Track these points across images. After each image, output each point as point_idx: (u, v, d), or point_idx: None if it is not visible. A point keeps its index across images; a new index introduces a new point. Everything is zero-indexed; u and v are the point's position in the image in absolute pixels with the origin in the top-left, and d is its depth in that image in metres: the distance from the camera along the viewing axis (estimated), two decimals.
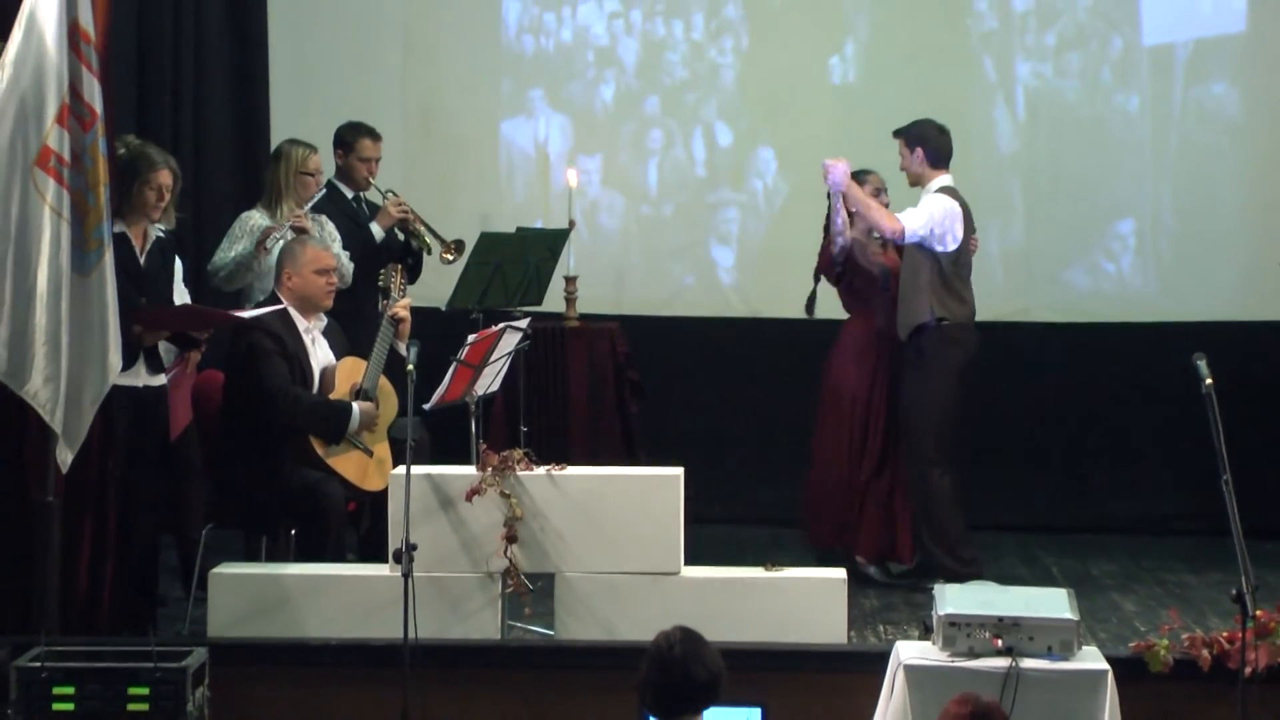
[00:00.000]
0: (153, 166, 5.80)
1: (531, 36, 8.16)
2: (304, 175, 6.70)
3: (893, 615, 6.26)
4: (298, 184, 6.68)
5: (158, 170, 5.82)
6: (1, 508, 5.61)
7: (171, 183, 5.89)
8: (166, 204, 5.91)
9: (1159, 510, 7.75)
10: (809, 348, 7.04)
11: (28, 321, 5.31)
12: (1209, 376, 5.02)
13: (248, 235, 6.61)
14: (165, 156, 5.94)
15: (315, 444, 5.91)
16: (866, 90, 7.99)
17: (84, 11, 5.41)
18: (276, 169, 6.72)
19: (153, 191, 5.82)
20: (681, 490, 5.60)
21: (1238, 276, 7.86)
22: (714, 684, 4.01)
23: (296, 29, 8.06)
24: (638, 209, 8.21)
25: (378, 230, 6.87)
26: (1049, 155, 8.00)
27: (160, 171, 5.83)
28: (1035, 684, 4.81)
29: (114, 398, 5.56)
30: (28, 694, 4.91)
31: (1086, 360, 7.89)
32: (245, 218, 6.72)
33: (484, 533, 5.55)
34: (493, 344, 6.26)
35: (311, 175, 6.73)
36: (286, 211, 6.65)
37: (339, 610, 5.55)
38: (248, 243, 6.56)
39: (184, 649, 5.09)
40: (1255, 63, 7.92)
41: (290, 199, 6.67)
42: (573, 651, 5.52)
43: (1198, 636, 5.27)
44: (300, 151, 6.72)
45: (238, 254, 6.56)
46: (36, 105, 5.32)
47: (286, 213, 6.64)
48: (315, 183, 6.78)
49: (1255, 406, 7.22)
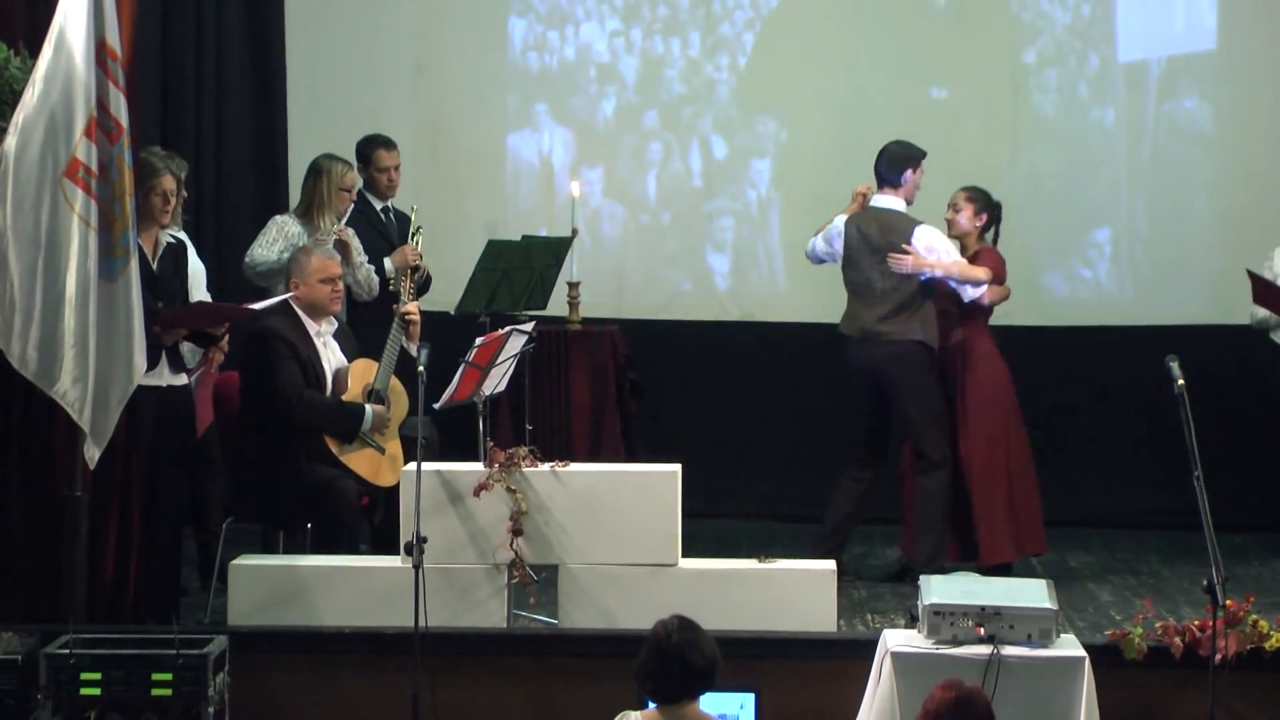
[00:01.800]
0: (155, 174, 5.82)
1: (536, 54, 8.19)
2: (342, 191, 6.72)
3: (880, 605, 6.27)
4: (336, 199, 6.70)
5: (160, 176, 5.83)
6: (32, 502, 5.67)
7: (175, 187, 5.90)
8: (173, 208, 5.93)
9: (1134, 505, 7.76)
10: (801, 349, 7.12)
11: (57, 325, 5.37)
12: (1181, 377, 5.11)
13: (284, 240, 6.60)
14: (166, 162, 5.93)
15: (330, 442, 5.95)
16: (856, 105, 7.99)
17: (111, 30, 5.46)
18: (317, 183, 6.70)
19: (158, 198, 5.83)
20: (679, 486, 5.65)
21: (1208, 282, 7.88)
22: (710, 670, 4.07)
23: (313, 47, 8.09)
24: (637, 218, 8.24)
25: (389, 266, 6.85)
26: (1029, 167, 8.02)
27: (163, 178, 5.84)
28: (1016, 670, 4.88)
29: (139, 397, 5.59)
30: (56, 679, 4.99)
31: (1064, 362, 7.92)
32: (283, 222, 6.70)
33: (491, 526, 5.61)
34: (499, 346, 6.30)
35: (348, 191, 6.75)
36: (325, 224, 6.65)
37: (353, 600, 5.61)
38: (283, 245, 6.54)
39: (205, 637, 5.18)
40: (1225, 79, 7.97)
41: (329, 213, 6.69)
42: (575, 639, 5.56)
43: (1170, 625, 5.33)
44: (340, 168, 6.73)
45: (282, 259, 6.53)
46: (65, 119, 5.38)
47: (325, 225, 6.64)
48: (350, 198, 6.80)
49: (1225, 406, 7.29)
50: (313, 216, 6.72)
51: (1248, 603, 5.34)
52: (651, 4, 8.19)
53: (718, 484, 7.61)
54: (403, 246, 6.90)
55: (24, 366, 5.43)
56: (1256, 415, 7.52)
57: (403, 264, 6.82)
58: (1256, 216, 7.74)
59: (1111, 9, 8.05)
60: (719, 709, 4.69)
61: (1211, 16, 8.00)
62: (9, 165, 5.40)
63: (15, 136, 5.41)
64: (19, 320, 5.39)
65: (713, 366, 8.07)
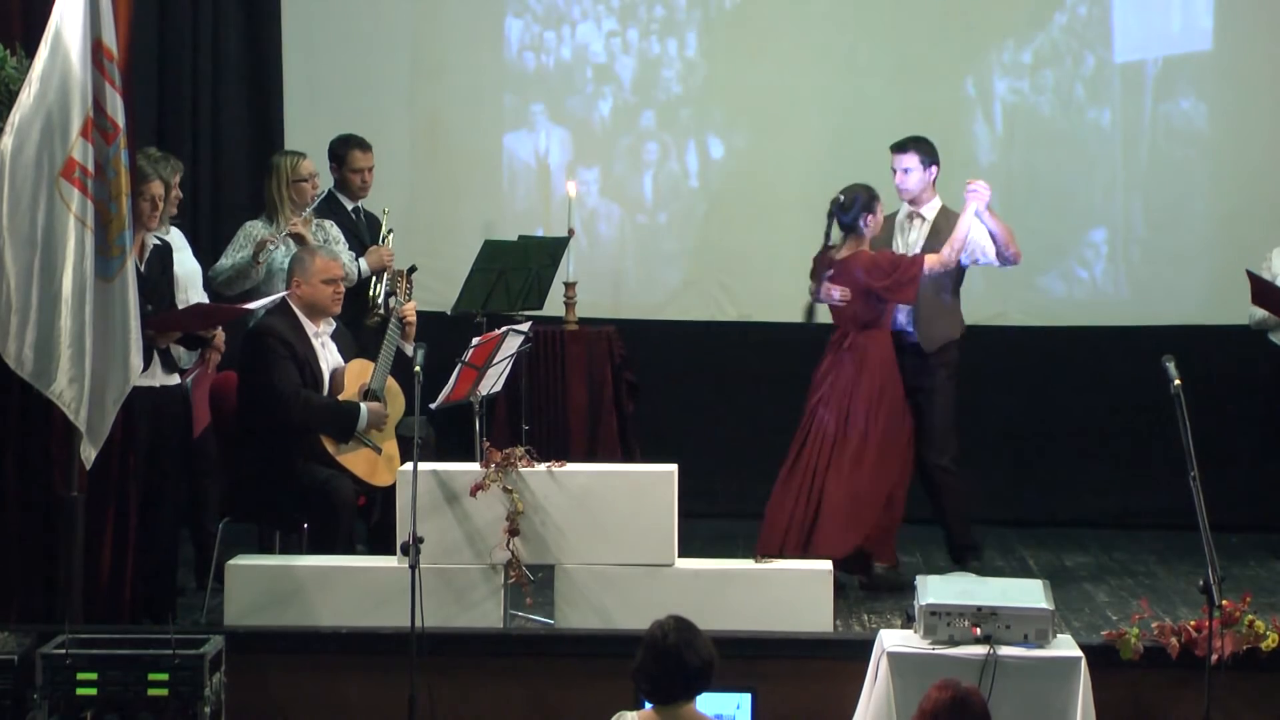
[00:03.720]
0: (144, 179, 5.82)
1: (533, 54, 8.19)
2: (298, 182, 6.69)
3: (876, 605, 6.26)
4: (293, 192, 6.68)
5: (149, 182, 5.84)
6: (29, 502, 5.68)
7: (163, 191, 5.92)
8: (161, 212, 5.94)
9: (1130, 505, 7.78)
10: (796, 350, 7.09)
11: (53, 325, 5.38)
12: (1177, 378, 5.13)
13: (250, 243, 6.61)
14: (156, 166, 5.96)
15: (326, 442, 5.97)
16: (852, 106, 8.01)
17: (107, 30, 5.47)
18: (269, 182, 6.73)
19: (146, 202, 5.83)
20: (675, 486, 5.66)
21: (1204, 282, 7.88)
22: (706, 670, 4.10)
23: (309, 47, 8.10)
24: (634, 218, 8.24)
25: (364, 266, 6.85)
26: (1025, 167, 8.04)
27: (151, 183, 5.86)
28: (1012, 670, 4.91)
29: (133, 397, 5.60)
30: (53, 679, 4.99)
31: (1061, 362, 7.94)
32: (248, 227, 6.73)
33: (487, 526, 5.61)
34: (496, 346, 6.31)
35: (306, 180, 6.71)
36: (285, 219, 6.65)
37: (349, 600, 5.62)
38: (247, 252, 6.57)
39: (201, 637, 5.17)
40: (1221, 79, 7.98)
41: (287, 208, 6.68)
42: (572, 639, 5.57)
43: (1167, 625, 5.35)
44: (289, 160, 6.72)
45: (236, 262, 6.58)
46: (62, 119, 5.39)
47: (286, 220, 6.64)
48: (312, 185, 6.75)
49: (1222, 406, 7.30)
50: (274, 215, 6.74)
51: (1244, 603, 5.35)
52: (648, 4, 8.20)
53: (714, 484, 7.63)
54: (377, 248, 6.91)
55: (20, 366, 5.44)
56: (1253, 416, 7.54)
57: (379, 265, 6.84)
58: (1253, 217, 7.76)
59: (1108, 9, 8.06)
60: (715, 709, 4.69)
61: (1208, 17, 8.02)
62: (5, 165, 5.41)
63: (11, 136, 5.42)
64: (15, 320, 5.40)
65: (709, 367, 8.09)
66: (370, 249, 6.91)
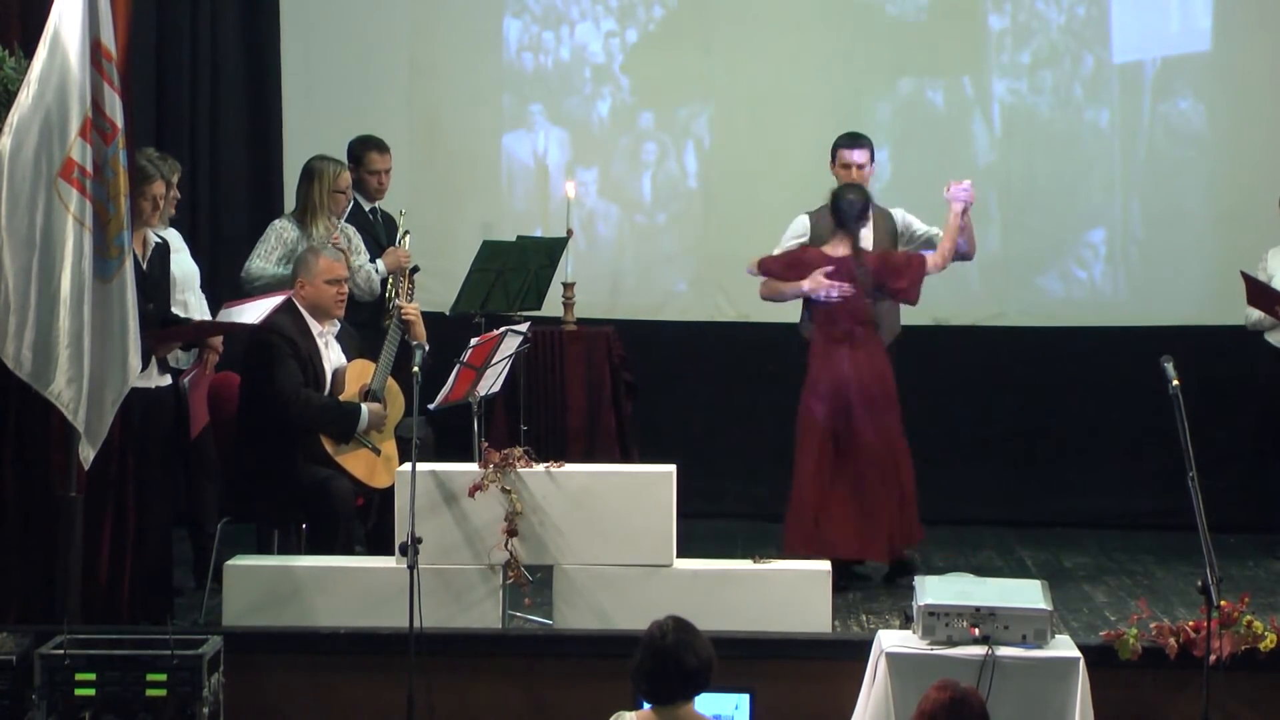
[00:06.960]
0: (147, 179, 5.84)
1: (531, 54, 8.21)
2: (336, 193, 6.74)
3: (875, 605, 6.29)
4: (331, 201, 6.73)
5: (151, 182, 5.87)
6: (27, 503, 5.67)
7: (164, 191, 5.95)
8: (162, 211, 5.97)
9: (1128, 505, 7.79)
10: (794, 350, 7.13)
11: (52, 325, 5.36)
12: (1176, 378, 5.15)
13: (282, 248, 6.64)
14: (158, 165, 5.98)
15: (325, 442, 5.97)
16: (853, 106, 8.00)
17: (105, 30, 5.47)
18: (311, 186, 6.73)
19: (147, 202, 5.85)
20: (674, 486, 5.66)
21: (1203, 282, 7.90)
22: (705, 671, 4.11)
23: (308, 47, 8.11)
24: (632, 218, 8.27)
25: (381, 268, 6.88)
26: (1024, 167, 8.05)
27: (154, 183, 5.88)
28: (1011, 671, 4.91)
29: (130, 398, 5.58)
30: (51, 680, 5.00)
31: (1059, 362, 7.95)
32: (281, 229, 6.73)
33: (486, 527, 5.61)
34: (494, 347, 6.33)
35: (342, 192, 6.77)
36: (321, 227, 6.68)
37: (348, 600, 5.62)
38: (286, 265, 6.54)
39: (200, 637, 5.18)
40: (1219, 80, 8.00)
41: (324, 215, 6.71)
42: (570, 640, 5.57)
43: (1165, 626, 5.35)
44: (333, 168, 6.75)
45: (277, 274, 6.57)
46: (60, 119, 5.38)
47: (321, 228, 6.67)
48: (346, 198, 6.83)
49: (1220, 407, 7.33)
50: (308, 220, 6.75)
51: (1242, 603, 5.35)
52: (647, 5, 8.22)
53: (713, 484, 7.65)
54: (394, 249, 6.93)
55: (19, 367, 5.44)
56: (1251, 416, 7.55)
57: (396, 266, 6.84)
58: (1251, 217, 7.75)
59: (1106, 10, 8.08)
60: (714, 709, 4.69)
61: (1206, 18, 8.04)
62: (3, 166, 5.40)
63: (10, 137, 5.41)
64: (14, 321, 5.40)
65: (708, 367, 8.10)
66: (387, 250, 6.94)
